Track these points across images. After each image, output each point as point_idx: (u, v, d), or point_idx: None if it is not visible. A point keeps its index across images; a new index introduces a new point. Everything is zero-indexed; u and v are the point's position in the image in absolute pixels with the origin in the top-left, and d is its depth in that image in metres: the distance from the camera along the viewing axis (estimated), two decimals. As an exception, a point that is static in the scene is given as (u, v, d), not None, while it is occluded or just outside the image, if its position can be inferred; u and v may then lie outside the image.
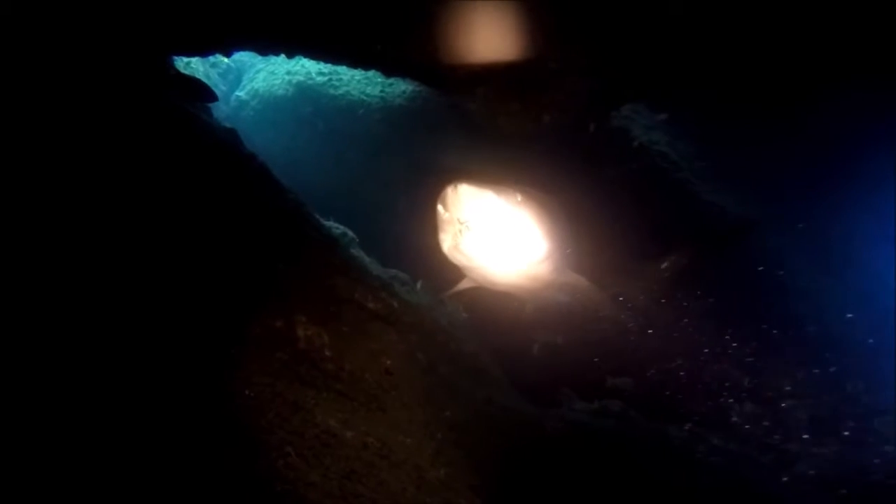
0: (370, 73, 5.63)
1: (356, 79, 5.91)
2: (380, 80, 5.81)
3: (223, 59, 6.34)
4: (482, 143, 4.81)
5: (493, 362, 4.25)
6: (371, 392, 2.91)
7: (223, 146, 3.93)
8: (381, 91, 5.81)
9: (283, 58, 4.68)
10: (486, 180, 3.41)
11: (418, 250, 4.50)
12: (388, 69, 4.25)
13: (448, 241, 3.71)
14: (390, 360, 3.14)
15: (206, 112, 4.37)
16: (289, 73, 6.14)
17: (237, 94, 6.52)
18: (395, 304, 3.61)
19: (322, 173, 5.87)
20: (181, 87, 4.13)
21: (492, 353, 4.35)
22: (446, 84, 3.91)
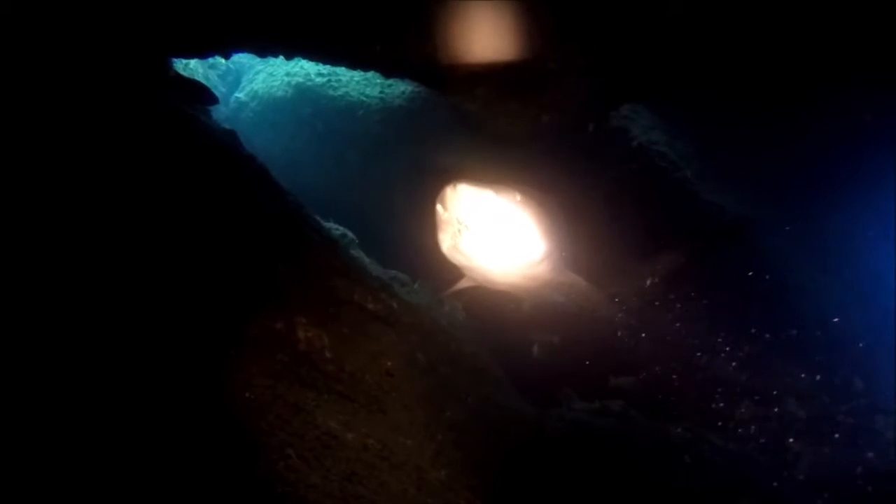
0: (369, 74, 5.63)
1: (355, 80, 5.91)
2: (379, 81, 5.81)
3: (222, 61, 6.34)
4: (481, 144, 4.81)
5: (492, 362, 4.25)
6: (371, 393, 2.92)
7: (222, 148, 3.93)
8: (381, 92, 5.81)
9: (281, 59, 4.68)
10: (486, 180, 3.41)
11: (418, 250, 4.50)
12: (387, 70, 4.25)
13: (447, 241, 3.72)
14: (391, 362, 3.15)
15: (205, 114, 4.37)
16: (288, 74, 6.14)
17: (236, 95, 6.52)
18: (395, 304, 3.61)
19: (321, 174, 5.87)
20: (181, 89, 4.13)
21: (491, 352, 4.36)
22: (445, 85, 3.91)
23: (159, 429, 2.23)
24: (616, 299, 4.67)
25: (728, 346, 4.43)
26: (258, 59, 6.20)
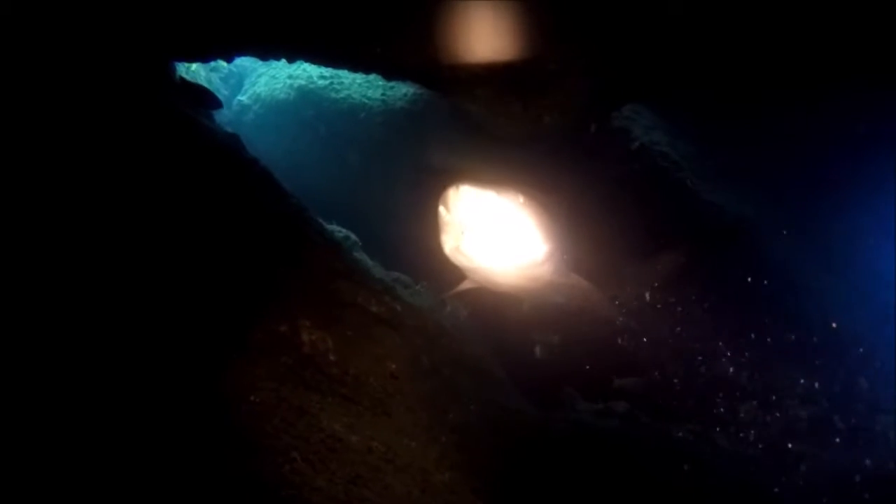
0: (371, 77, 5.63)
1: (357, 82, 5.91)
2: (381, 84, 5.81)
3: (224, 64, 6.35)
4: (483, 145, 4.82)
5: (496, 364, 4.26)
6: (376, 396, 2.93)
7: (225, 151, 3.94)
8: (383, 94, 5.82)
9: (284, 62, 4.70)
10: (488, 181, 3.42)
11: (420, 252, 4.51)
12: (389, 72, 4.26)
13: (450, 243, 3.73)
14: (394, 364, 3.15)
15: (207, 117, 4.39)
16: (290, 77, 6.15)
17: (239, 98, 6.53)
18: (399, 307, 3.62)
19: (324, 176, 5.88)
20: (187, 94, 4.15)
21: (494, 353, 4.36)
22: (447, 86, 3.91)
23: (165, 432, 2.24)
24: (617, 301, 4.66)
25: (730, 348, 4.42)
26: (260, 62, 6.21)
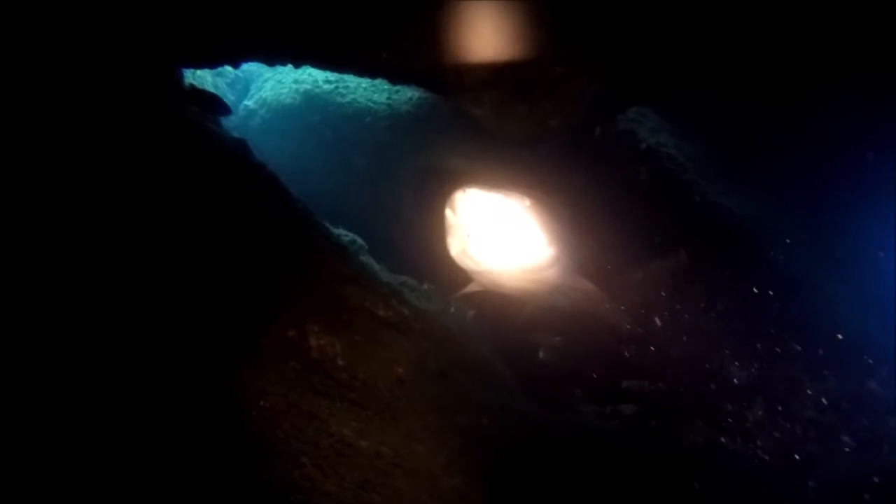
0: (377, 81, 5.65)
1: (363, 86, 5.93)
2: (386, 88, 5.83)
3: (230, 69, 6.38)
4: (489, 148, 4.82)
5: (502, 366, 4.25)
6: (384, 401, 2.93)
7: (233, 156, 3.96)
8: (388, 98, 5.83)
9: (290, 67, 4.72)
10: (495, 184, 3.42)
11: (426, 255, 4.52)
12: (394, 76, 4.27)
13: (456, 246, 3.73)
14: (402, 368, 3.15)
15: (214, 122, 4.41)
16: (296, 81, 6.18)
17: (245, 103, 6.57)
18: (406, 311, 3.62)
19: (330, 181, 5.90)
20: (196, 100, 4.18)
21: (500, 355, 4.36)
22: (453, 90, 3.92)
23: (176, 438, 2.25)
24: (623, 307, 4.65)
25: (740, 350, 4.40)
26: (266, 67, 6.24)
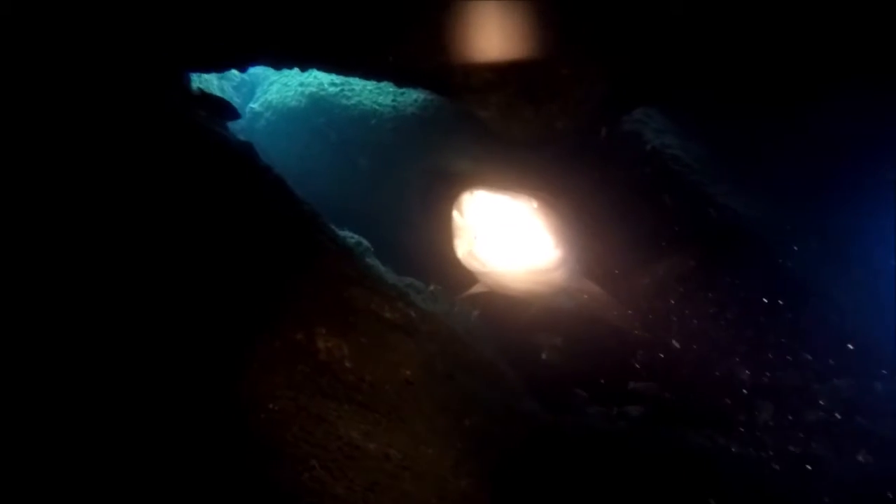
0: (382, 83, 5.66)
1: (368, 88, 5.94)
2: (391, 90, 5.83)
3: (236, 72, 6.41)
4: (494, 150, 4.82)
5: (507, 367, 4.25)
6: (392, 403, 2.93)
7: (240, 159, 3.97)
8: (393, 100, 5.84)
9: (296, 70, 4.73)
10: (502, 186, 3.43)
11: (431, 257, 4.52)
12: (401, 79, 4.28)
13: (463, 247, 3.73)
14: (409, 371, 3.16)
15: (221, 125, 4.42)
16: (301, 84, 6.20)
17: (251, 105, 6.59)
18: (413, 313, 3.62)
19: (335, 183, 5.91)
20: (205, 105, 4.20)
21: (506, 356, 4.36)
22: (459, 92, 3.92)
23: (187, 441, 2.26)
24: (630, 311, 4.64)
25: (749, 352, 4.38)
26: (273, 71, 6.26)
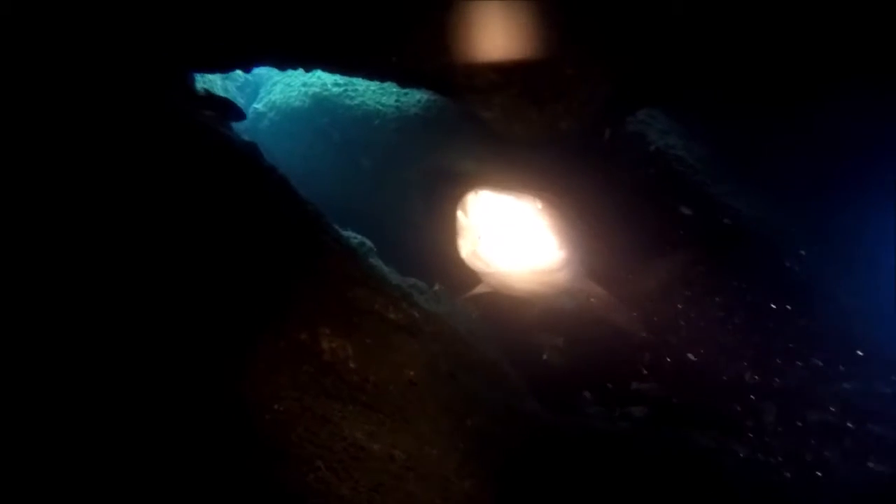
0: (385, 84, 5.65)
1: (371, 89, 5.94)
2: (395, 90, 5.83)
3: (240, 73, 6.41)
4: (498, 150, 4.82)
5: (510, 368, 4.25)
6: (396, 403, 2.93)
7: (244, 159, 3.97)
8: (397, 101, 5.84)
9: (300, 70, 4.73)
10: (507, 187, 3.43)
11: (435, 257, 4.53)
12: (405, 80, 4.28)
13: (467, 247, 3.74)
14: (413, 371, 3.16)
15: (225, 125, 4.43)
16: (305, 84, 6.20)
17: (255, 106, 6.60)
18: (416, 314, 3.62)
19: (338, 183, 5.92)
20: (211, 105, 4.22)
21: (507, 356, 4.36)
22: (462, 93, 3.92)
23: (192, 442, 2.26)
24: (634, 314, 4.63)
25: (753, 354, 4.37)
26: (276, 71, 6.26)
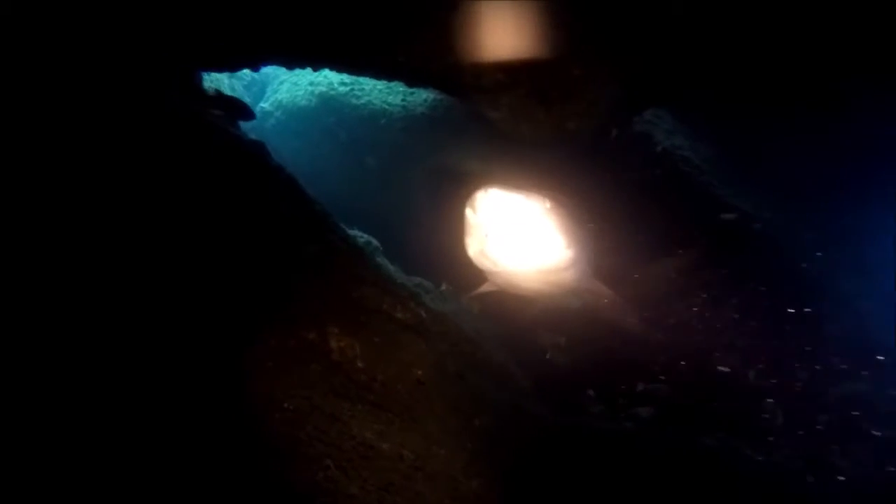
0: (392, 83, 5.67)
1: (378, 88, 5.95)
2: (401, 90, 5.84)
3: (246, 72, 6.42)
4: (504, 150, 4.83)
5: (516, 368, 4.25)
6: (404, 403, 2.94)
7: (252, 158, 3.98)
8: (403, 100, 5.85)
9: (307, 70, 4.74)
10: (516, 185, 3.43)
11: (441, 256, 4.53)
12: (412, 79, 4.29)
13: (475, 246, 3.74)
14: (421, 371, 3.16)
15: (233, 125, 4.44)
16: (312, 83, 6.22)
17: (261, 105, 6.62)
18: (423, 313, 3.63)
19: (345, 182, 5.93)
20: (220, 105, 4.23)
21: (514, 356, 4.36)
22: (470, 93, 3.93)
23: (201, 441, 2.27)
24: (639, 312, 4.63)
25: (762, 354, 4.36)
26: (283, 70, 6.28)
